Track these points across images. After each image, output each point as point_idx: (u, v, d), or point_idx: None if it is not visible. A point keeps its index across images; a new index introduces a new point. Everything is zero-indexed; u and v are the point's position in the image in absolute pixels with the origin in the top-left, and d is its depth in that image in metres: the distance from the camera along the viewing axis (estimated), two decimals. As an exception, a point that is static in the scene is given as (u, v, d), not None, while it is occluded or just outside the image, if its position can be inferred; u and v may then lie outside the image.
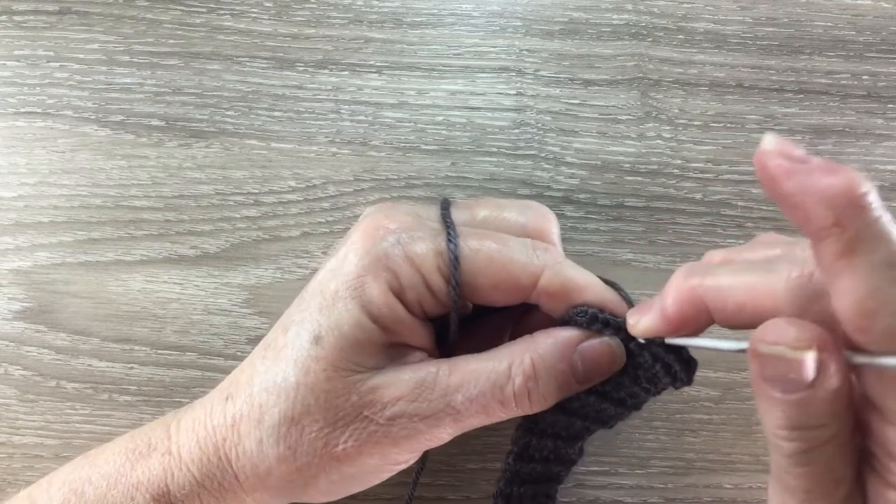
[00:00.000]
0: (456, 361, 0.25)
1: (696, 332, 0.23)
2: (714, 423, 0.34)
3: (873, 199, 0.18)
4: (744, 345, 0.20)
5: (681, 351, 0.25)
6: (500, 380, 0.25)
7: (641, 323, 0.24)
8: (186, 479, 0.26)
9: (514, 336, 0.27)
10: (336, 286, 0.25)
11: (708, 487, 0.34)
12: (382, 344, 0.25)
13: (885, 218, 0.18)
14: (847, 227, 0.18)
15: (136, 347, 0.34)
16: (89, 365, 0.34)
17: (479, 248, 0.26)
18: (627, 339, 0.25)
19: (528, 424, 0.27)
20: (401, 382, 0.25)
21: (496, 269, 0.25)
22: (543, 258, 0.26)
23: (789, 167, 0.19)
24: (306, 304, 0.26)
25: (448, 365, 0.25)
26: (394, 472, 0.27)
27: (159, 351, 0.34)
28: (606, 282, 0.27)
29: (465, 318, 0.27)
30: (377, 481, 0.27)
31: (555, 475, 0.29)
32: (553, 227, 0.28)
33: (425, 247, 0.25)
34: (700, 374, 0.27)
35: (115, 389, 0.34)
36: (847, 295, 0.18)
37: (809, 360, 0.19)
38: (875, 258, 0.18)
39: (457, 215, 0.27)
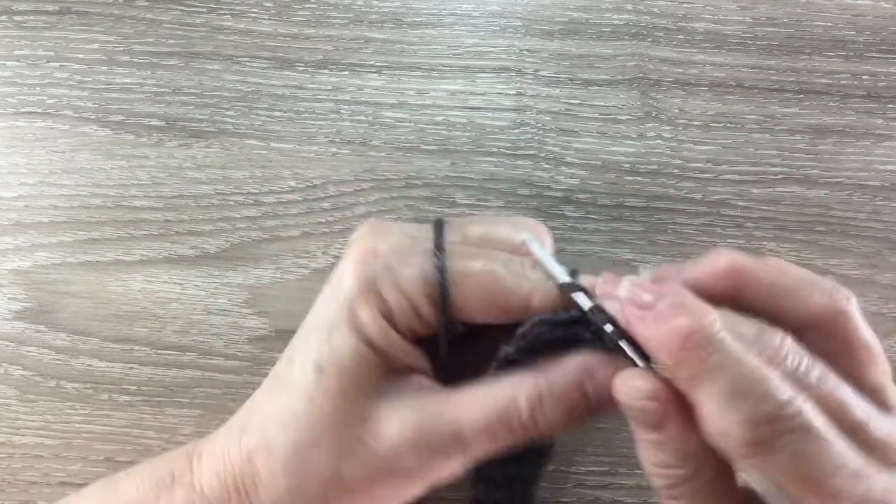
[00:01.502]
0: (461, 390, 0.25)
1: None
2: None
3: (707, 333, 0.20)
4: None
5: None
6: (509, 409, 0.24)
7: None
8: None
9: None
10: (332, 314, 0.26)
11: (708, 487, 0.34)
12: (381, 369, 0.25)
13: (724, 346, 0.20)
14: (685, 366, 0.20)
15: (136, 347, 0.34)
16: (89, 365, 0.34)
17: (468, 271, 0.25)
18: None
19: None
20: (405, 413, 0.25)
21: (484, 291, 0.25)
22: (534, 278, 0.26)
23: (639, 314, 0.21)
24: (308, 335, 0.26)
25: (454, 395, 0.25)
26: (410, 501, 0.27)
27: (159, 351, 0.34)
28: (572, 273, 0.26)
29: (463, 335, 0.27)
30: None
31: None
32: (546, 243, 0.28)
33: (413, 272, 0.25)
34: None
35: (115, 389, 0.34)
36: (702, 417, 0.21)
37: (651, 407, 0.21)
38: (716, 387, 0.20)
39: (450, 235, 0.27)
